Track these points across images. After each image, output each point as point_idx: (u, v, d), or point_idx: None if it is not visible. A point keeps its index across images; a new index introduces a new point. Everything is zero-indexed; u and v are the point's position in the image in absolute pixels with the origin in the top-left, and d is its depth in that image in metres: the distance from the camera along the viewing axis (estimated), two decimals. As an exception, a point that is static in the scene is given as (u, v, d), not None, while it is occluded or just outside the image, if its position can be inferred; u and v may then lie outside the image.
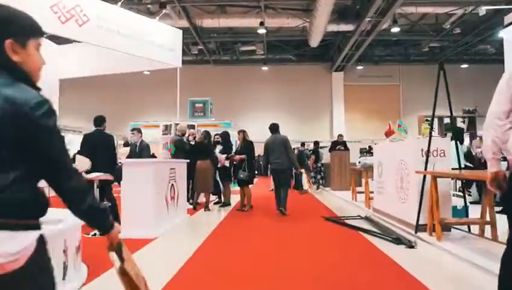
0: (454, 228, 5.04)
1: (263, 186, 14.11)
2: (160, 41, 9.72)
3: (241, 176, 7.55)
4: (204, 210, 7.81)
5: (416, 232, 4.94)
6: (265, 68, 22.94)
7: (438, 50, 21.10)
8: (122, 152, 9.83)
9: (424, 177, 4.90)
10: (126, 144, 11.18)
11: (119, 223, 5.56)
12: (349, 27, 17.24)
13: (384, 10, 15.26)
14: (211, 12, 17.53)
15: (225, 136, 8.51)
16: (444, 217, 4.66)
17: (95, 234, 5.48)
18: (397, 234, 5.05)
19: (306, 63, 22.74)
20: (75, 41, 10.25)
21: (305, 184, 6.85)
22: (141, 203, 5.27)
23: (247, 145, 7.85)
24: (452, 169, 5.04)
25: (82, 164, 5.50)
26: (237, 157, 7.79)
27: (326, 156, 12.98)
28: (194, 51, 20.55)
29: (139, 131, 7.20)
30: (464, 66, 21.85)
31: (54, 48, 11.07)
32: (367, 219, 6.52)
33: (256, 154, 23.24)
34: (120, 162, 6.20)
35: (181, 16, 16.98)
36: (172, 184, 6.27)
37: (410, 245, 4.58)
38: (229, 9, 17.67)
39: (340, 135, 12.70)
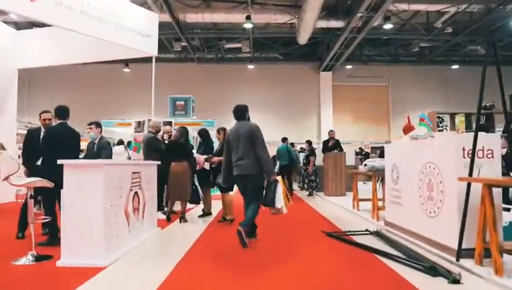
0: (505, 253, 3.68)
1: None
2: (133, 25, 8.20)
3: (219, 180, 6.09)
4: (180, 221, 6.34)
5: (458, 260, 3.58)
6: (251, 66, 21.50)
7: (428, 50, 20.07)
8: (117, 152, 8.29)
9: (469, 185, 3.54)
10: (120, 142, 9.64)
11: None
12: (339, 23, 16.02)
13: (377, 6, 14.09)
14: (195, 6, 16.07)
15: (204, 134, 7.04)
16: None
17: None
18: (430, 262, 3.68)
19: (293, 62, 21.39)
20: (34, 26, 8.68)
21: (281, 200, 4.72)
22: (87, 220, 3.78)
23: (228, 146, 6.40)
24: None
25: (9, 166, 3.98)
26: (216, 159, 6.32)
27: (318, 158, 11.65)
28: (177, 47, 18.97)
29: (98, 125, 5.69)
30: (455, 66, 20.86)
31: (11, 33, 9.44)
32: (378, 234, 5.15)
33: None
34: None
35: (163, 10, 15.47)
36: (136, 192, 4.78)
37: (455, 279, 3.21)
38: (214, 3, 16.26)
39: (331, 131, 11.14)
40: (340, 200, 8.67)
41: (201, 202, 6.88)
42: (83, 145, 5.81)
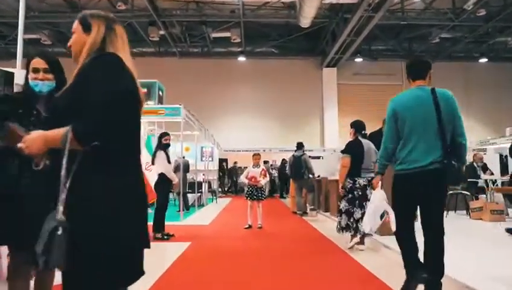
0: None
1: (228, 229, 7.80)
2: None
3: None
4: None
5: None
6: (242, 59, 16.71)
7: (449, 43, 15.50)
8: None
9: None
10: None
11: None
12: (352, -1, 11.42)
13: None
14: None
15: (55, 62, 1.88)
16: None
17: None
18: None
19: (292, 57, 16.71)
20: None
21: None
22: None
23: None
24: None
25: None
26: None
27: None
28: (154, 36, 14.20)
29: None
30: (483, 60, 16.26)
31: None
32: None
33: (226, 166, 15.15)
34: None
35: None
36: None
37: None
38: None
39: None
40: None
41: None
42: None
